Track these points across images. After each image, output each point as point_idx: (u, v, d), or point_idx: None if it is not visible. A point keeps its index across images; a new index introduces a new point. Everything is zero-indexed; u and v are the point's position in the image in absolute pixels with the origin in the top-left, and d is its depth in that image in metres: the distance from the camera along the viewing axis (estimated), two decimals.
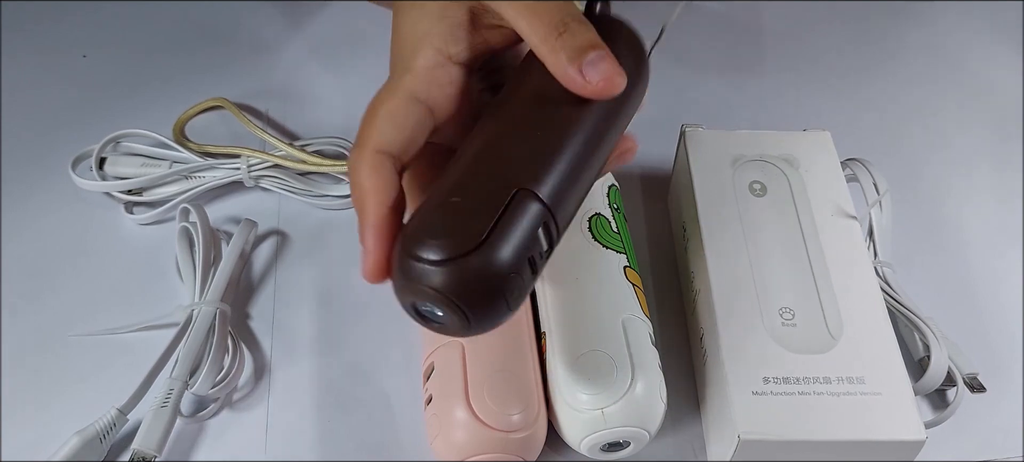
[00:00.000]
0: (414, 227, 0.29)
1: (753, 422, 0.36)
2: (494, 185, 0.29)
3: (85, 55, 0.60)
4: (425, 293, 0.28)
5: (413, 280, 0.28)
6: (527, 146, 0.30)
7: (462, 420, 0.37)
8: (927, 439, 0.36)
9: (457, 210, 0.29)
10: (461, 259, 0.28)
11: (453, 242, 0.28)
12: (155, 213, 0.50)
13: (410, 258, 0.28)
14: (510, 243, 0.28)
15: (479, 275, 0.28)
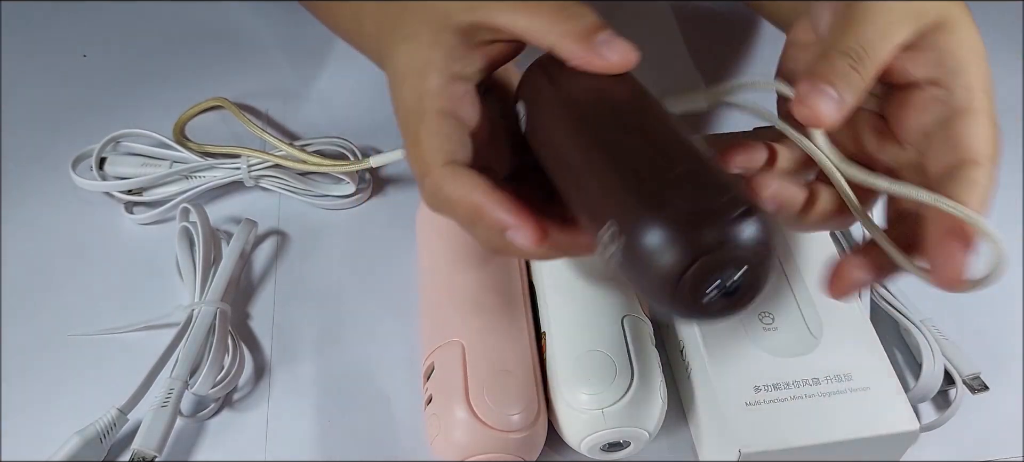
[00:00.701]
0: (674, 200, 0.26)
1: (751, 435, 0.36)
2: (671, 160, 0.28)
3: (85, 55, 0.60)
4: (733, 251, 0.26)
5: (718, 243, 0.26)
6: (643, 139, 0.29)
7: (462, 420, 0.37)
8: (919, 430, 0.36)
9: (695, 178, 0.27)
10: (751, 207, 0.26)
11: (733, 194, 0.26)
12: (155, 213, 0.50)
13: (705, 226, 0.26)
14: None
15: (765, 219, 0.26)
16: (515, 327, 0.41)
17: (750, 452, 0.35)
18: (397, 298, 0.47)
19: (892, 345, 0.46)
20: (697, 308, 0.27)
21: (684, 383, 0.42)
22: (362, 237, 0.50)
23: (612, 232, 0.27)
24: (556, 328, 0.41)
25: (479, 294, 0.42)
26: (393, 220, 0.51)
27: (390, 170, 0.53)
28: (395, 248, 0.49)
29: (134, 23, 0.63)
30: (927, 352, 0.42)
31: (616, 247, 0.27)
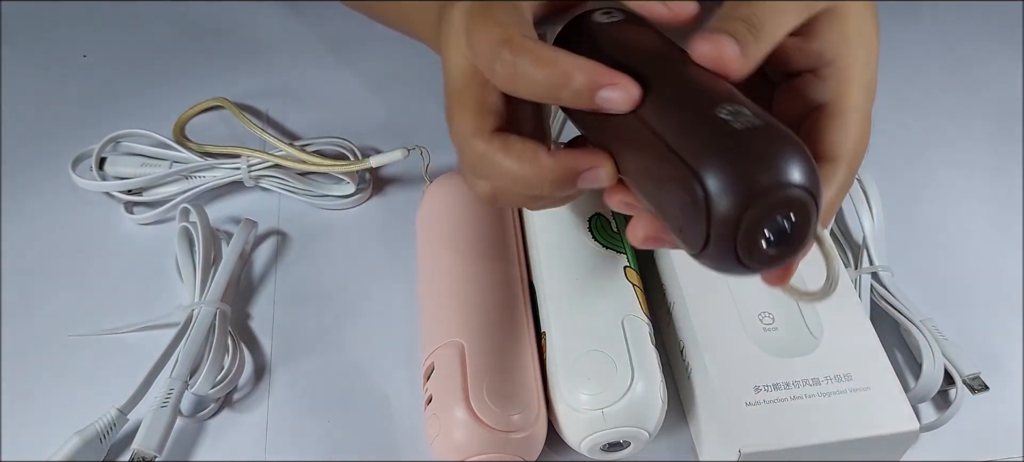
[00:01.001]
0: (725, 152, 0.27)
1: (751, 435, 0.36)
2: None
3: (85, 55, 0.60)
4: (788, 193, 0.26)
5: (776, 185, 0.26)
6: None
7: (462, 420, 0.37)
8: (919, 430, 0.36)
9: (746, 126, 0.27)
10: (800, 145, 0.27)
11: (788, 138, 0.27)
12: (155, 213, 0.50)
13: (763, 169, 0.26)
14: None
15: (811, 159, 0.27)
16: (515, 327, 0.41)
17: (750, 452, 0.35)
18: (397, 298, 0.47)
19: (892, 345, 0.46)
20: (757, 261, 0.27)
21: (684, 383, 0.42)
22: (362, 237, 0.50)
23: (670, 185, 0.28)
24: (556, 328, 0.41)
25: (479, 294, 0.42)
26: (393, 220, 0.51)
27: (390, 170, 0.53)
28: (395, 248, 0.49)
29: (134, 23, 0.63)
30: (927, 352, 0.42)
31: (672, 198, 0.28)
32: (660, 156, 0.28)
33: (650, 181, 0.30)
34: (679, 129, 0.28)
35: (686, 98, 0.29)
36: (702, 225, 0.27)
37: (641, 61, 0.31)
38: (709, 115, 0.27)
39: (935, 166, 0.55)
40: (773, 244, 0.27)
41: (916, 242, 0.50)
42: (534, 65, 0.30)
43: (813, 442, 0.36)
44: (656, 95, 0.29)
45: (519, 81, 0.31)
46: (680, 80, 0.30)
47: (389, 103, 0.57)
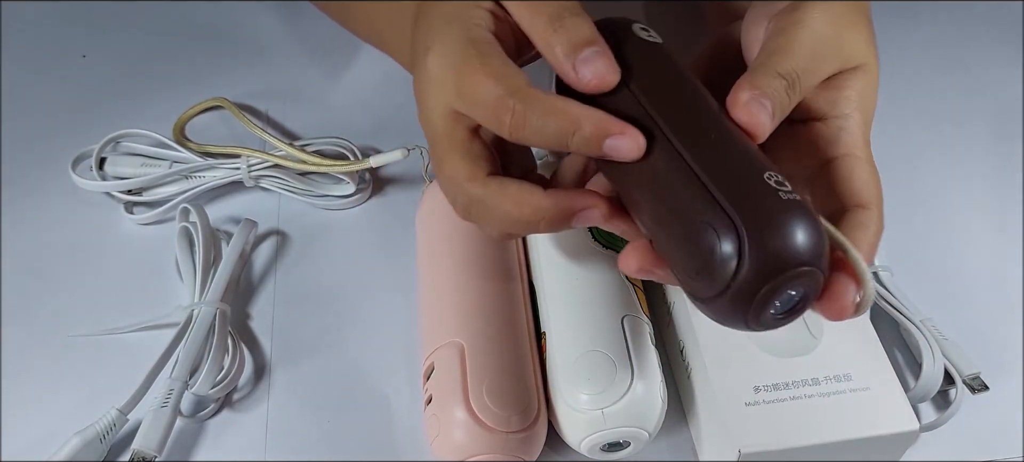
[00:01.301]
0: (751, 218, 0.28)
1: (751, 435, 0.36)
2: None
3: (85, 55, 0.60)
4: (809, 271, 0.28)
5: (781, 262, 0.27)
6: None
7: (461, 420, 0.37)
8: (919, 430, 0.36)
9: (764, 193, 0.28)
10: (815, 220, 0.28)
11: (803, 208, 0.28)
12: (155, 213, 0.50)
13: (780, 248, 0.27)
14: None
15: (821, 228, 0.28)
16: (515, 327, 0.41)
17: (750, 452, 0.35)
18: (397, 298, 0.47)
19: (892, 345, 0.46)
20: (759, 323, 0.29)
21: (684, 383, 0.42)
22: (362, 237, 0.50)
23: (681, 243, 0.29)
24: (556, 328, 0.41)
25: (479, 294, 0.42)
26: (393, 220, 0.51)
27: (390, 170, 0.53)
28: (395, 248, 0.49)
29: (134, 23, 0.63)
30: (927, 352, 0.42)
31: (701, 244, 0.28)
32: (699, 200, 0.29)
33: (677, 220, 0.30)
34: (729, 181, 0.29)
35: (735, 152, 0.30)
36: (724, 279, 0.28)
37: (677, 94, 0.32)
38: (759, 177, 0.28)
39: (935, 166, 0.55)
40: (779, 311, 0.29)
41: (916, 242, 0.50)
42: (544, 116, 0.31)
43: (813, 442, 0.36)
44: (699, 137, 0.30)
45: (528, 131, 0.31)
46: (721, 128, 0.31)
47: (389, 103, 0.57)
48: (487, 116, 0.32)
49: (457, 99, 0.33)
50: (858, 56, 0.34)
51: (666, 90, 0.32)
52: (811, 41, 0.33)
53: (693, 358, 0.40)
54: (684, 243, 0.30)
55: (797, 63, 0.32)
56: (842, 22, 0.34)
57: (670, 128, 0.31)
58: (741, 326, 0.29)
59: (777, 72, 0.32)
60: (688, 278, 0.30)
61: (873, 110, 0.35)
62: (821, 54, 0.33)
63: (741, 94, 0.31)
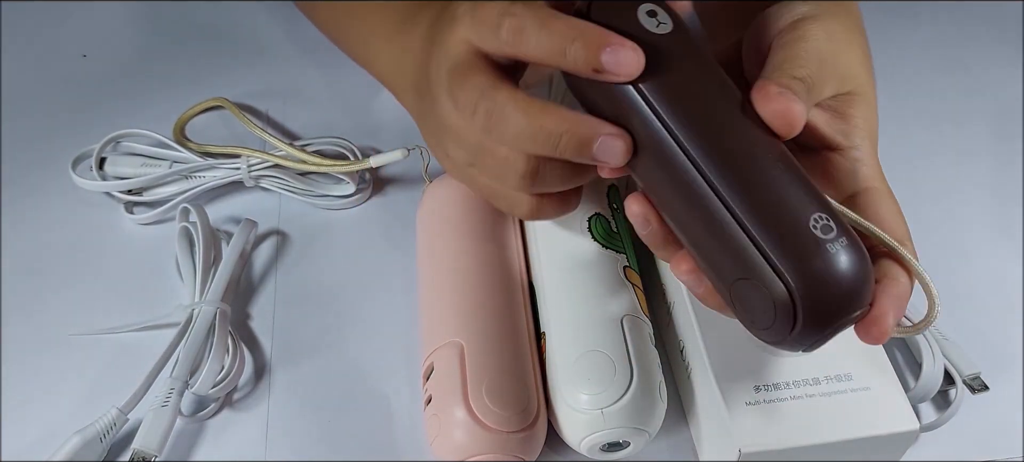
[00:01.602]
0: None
1: (751, 435, 0.36)
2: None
3: (85, 55, 0.60)
4: (859, 315, 0.30)
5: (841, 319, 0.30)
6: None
7: (461, 420, 0.37)
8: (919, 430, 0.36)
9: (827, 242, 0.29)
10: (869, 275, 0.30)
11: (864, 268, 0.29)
12: (155, 213, 0.50)
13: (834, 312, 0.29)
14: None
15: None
16: (515, 327, 0.41)
17: (750, 452, 0.35)
18: (397, 298, 0.47)
19: (892, 345, 0.46)
20: (812, 350, 0.31)
21: (684, 383, 0.42)
22: (362, 237, 0.50)
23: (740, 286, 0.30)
24: (555, 328, 0.41)
25: (479, 294, 0.42)
26: (393, 220, 0.51)
27: (390, 170, 0.53)
28: (395, 248, 0.49)
29: (134, 23, 0.63)
30: (927, 352, 0.42)
31: (754, 300, 0.29)
32: (747, 255, 0.29)
33: (726, 272, 0.30)
34: (776, 232, 0.29)
35: (777, 184, 0.29)
36: (781, 334, 0.29)
37: (704, 103, 0.30)
38: (805, 225, 0.29)
39: (935, 166, 0.55)
40: (827, 341, 0.30)
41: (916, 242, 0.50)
42: (541, 23, 0.31)
43: (813, 442, 0.36)
44: (734, 164, 0.29)
45: (524, 38, 0.31)
46: (756, 144, 0.30)
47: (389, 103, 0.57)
48: (490, 26, 0.32)
49: (472, 21, 0.33)
50: (854, 78, 0.35)
51: (690, 105, 0.30)
52: (817, 54, 0.34)
53: (693, 358, 0.40)
54: (736, 296, 0.30)
55: (809, 70, 0.33)
56: (839, 41, 0.35)
57: (705, 160, 0.29)
58: (804, 351, 0.31)
59: (794, 75, 0.32)
60: (745, 323, 0.31)
61: (877, 136, 0.36)
62: (823, 69, 0.34)
63: (767, 90, 0.31)
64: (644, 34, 0.31)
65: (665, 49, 0.31)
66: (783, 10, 0.36)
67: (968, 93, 0.60)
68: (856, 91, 0.35)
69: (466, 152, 0.36)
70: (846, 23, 0.36)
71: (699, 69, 0.31)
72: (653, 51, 0.30)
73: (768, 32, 0.36)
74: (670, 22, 0.31)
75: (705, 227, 0.30)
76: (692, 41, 0.32)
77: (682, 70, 0.31)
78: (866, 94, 0.36)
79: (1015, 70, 0.61)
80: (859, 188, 0.35)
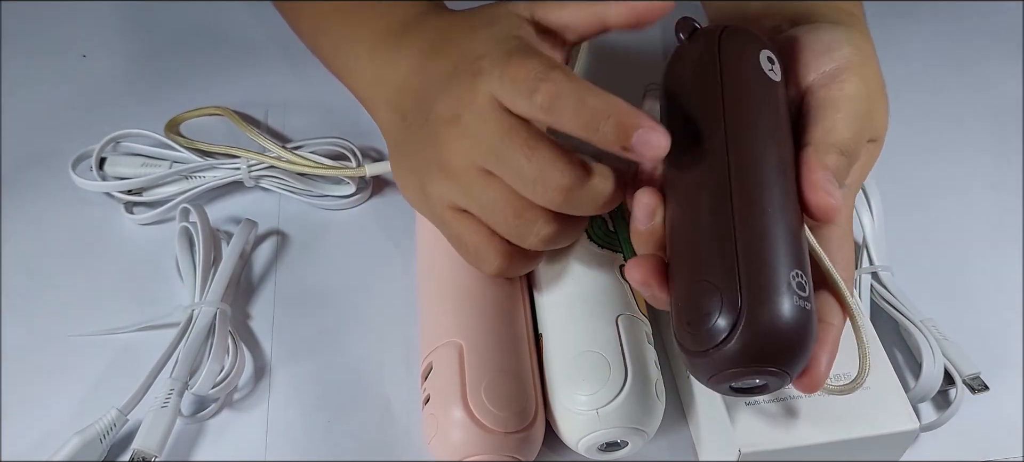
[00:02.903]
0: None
1: (751, 434, 0.36)
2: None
3: (85, 55, 0.60)
4: (781, 376, 0.31)
5: (771, 359, 0.30)
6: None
7: (459, 420, 0.37)
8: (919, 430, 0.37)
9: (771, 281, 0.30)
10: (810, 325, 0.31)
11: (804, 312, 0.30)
12: (155, 213, 0.50)
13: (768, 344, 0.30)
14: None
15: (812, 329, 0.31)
16: (513, 328, 0.41)
17: (750, 452, 0.35)
18: (397, 298, 0.47)
19: (892, 345, 0.46)
20: (717, 388, 0.32)
21: (684, 383, 0.42)
22: (362, 237, 0.50)
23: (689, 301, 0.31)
24: (552, 329, 0.41)
25: (478, 295, 0.42)
26: (393, 220, 0.51)
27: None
28: (395, 248, 0.49)
29: (134, 23, 0.63)
30: (927, 352, 0.42)
31: (703, 304, 0.30)
32: (724, 263, 0.30)
33: (696, 266, 0.31)
34: (758, 261, 0.30)
35: (780, 232, 0.31)
36: (707, 345, 0.30)
37: (762, 143, 0.33)
38: (786, 273, 0.30)
39: (935, 166, 0.55)
40: (738, 387, 0.31)
41: (916, 242, 0.50)
42: (579, 94, 0.33)
43: (813, 442, 0.36)
44: (759, 198, 0.31)
45: (560, 107, 0.33)
46: (783, 194, 0.32)
47: None
48: (524, 88, 0.33)
49: (501, 78, 0.34)
50: (879, 130, 0.36)
51: (755, 135, 0.33)
52: (857, 120, 0.34)
53: None
54: (691, 291, 0.31)
55: (849, 141, 0.34)
56: (874, 93, 0.36)
57: (738, 175, 0.32)
58: (702, 381, 0.32)
59: (839, 150, 0.33)
60: (679, 320, 0.31)
61: (867, 175, 0.37)
62: (861, 131, 0.35)
63: (816, 175, 0.32)
64: (761, 77, 0.34)
65: (768, 92, 0.34)
66: (824, 44, 0.36)
67: (968, 93, 0.60)
68: (874, 139, 0.36)
69: (455, 191, 0.37)
70: (875, 68, 0.37)
71: (775, 117, 0.34)
72: (760, 90, 0.34)
73: (806, 64, 0.36)
74: (780, 74, 0.35)
75: (708, 230, 0.31)
76: (784, 95, 0.35)
77: (765, 113, 0.34)
78: (880, 142, 0.37)
79: (1015, 70, 0.61)
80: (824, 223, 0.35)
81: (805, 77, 0.36)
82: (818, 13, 0.39)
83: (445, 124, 0.36)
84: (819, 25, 0.37)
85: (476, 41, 0.36)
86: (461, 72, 0.36)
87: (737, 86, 0.34)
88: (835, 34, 0.36)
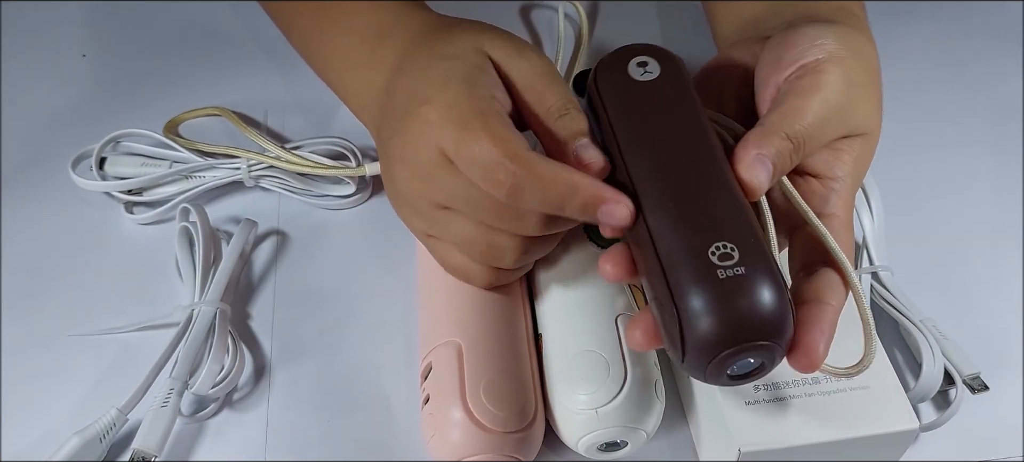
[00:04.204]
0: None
1: (751, 434, 0.36)
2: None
3: (85, 55, 0.60)
4: (753, 345, 0.30)
5: (756, 335, 0.30)
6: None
7: (458, 420, 0.37)
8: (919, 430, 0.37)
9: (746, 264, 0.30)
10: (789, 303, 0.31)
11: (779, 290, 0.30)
12: (155, 213, 0.50)
13: (748, 320, 0.30)
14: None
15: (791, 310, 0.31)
16: (513, 328, 0.41)
17: (750, 451, 0.35)
18: (397, 298, 0.47)
19: (892, 345, 0.46)
20: (720, 384, 0.32)
21: (684, 382, 0.42)
22: (362, 237, 0.50)
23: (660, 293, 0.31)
24: (551, 329, 0.41)
25: (477, 295, 0.42)
26: (393, 220, 0.50)
27: None
28: (395, 248, 0.49)
29: (134, 23, 0.63)
30: (927, 352, 0.42)
31: (662, 318, 0.31)
32: (657, 277, 0.31)
33: (647, 286, 0.32)
34: (677, 259, 0.30)
35: (697, 218, 0.31)
36: (678, 353, 0.30)
37: (664, 141, 0.33)
38: (704, 253, 0.30)
39: (935, 166, 0.55)
40: (738, 376, 0.31)
41: (916, 242, 0.50)
42: (542, 182, 0.33)
43: (813, 441, 0.36)
44: (669, 200, 0.32)
45: (525, 195, 0.33)
46: (698, 183, 0.32)
47: None
48: (484, 176, 0.33)
49: (456, 150, 0.34)
50: (864, 124, 0.36)
51: (639, 138, 0.34)
52: (825, 108, 0.34)
53: None
54: (654, 309, 0.32)
55: (807, 128, 0.34)
56: (856, 87, 0.35)
57: (640, 181, 0.32)
58: (701, 380, 0.32)
59: (786, 134, 0.33)
60: (661, 335, 0.32)
61: (865, 172, 0.37)
62: (831, 121, 0.34)
63: (746, 154, 0.33)
64: (630, 83, 0.35)
65: (644, 94, 0.35)
66: (808, 38, 0.36)
67: (968, 92, 0.60)
68: (860, 133, 0.36)
69: (424, 223, 0.38)
70: (865, 64, 0.37)
71: (659, 113, 0.34)
72: (634, 96, 0.35)
73: (789, 55, 0.36)
74: (658, 70, 0.35)
75: (641, 246, 0.32)
76: (671, 86, 0.35)
77: (645, 114, 0.34)
78: (870, 137, 0.36)
79: (1015, 70, 0.61)
80: (823, 212, 0.35)
81: (787, 69, 0.36)
82: (817, 13, 0.39)
83: (399, 163, 0.37)
84: (811, 23, 0.37)
85: (430, 76, 0.36)
86: (411, 114, 0.36)
87: (614, 104, 0.35)
88: (822, 30, 0.36)
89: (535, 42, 0.61)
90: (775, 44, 0.37)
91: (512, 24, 0.62)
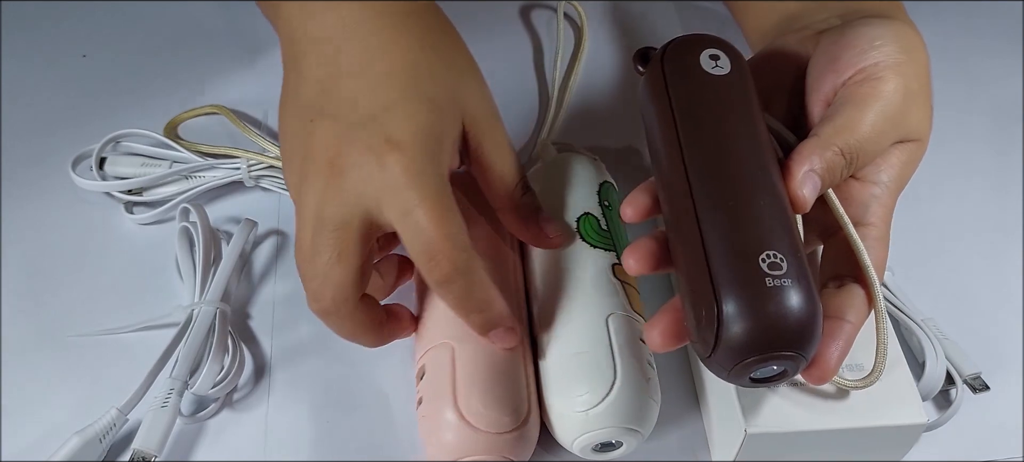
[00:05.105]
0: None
1: (758, 416, 0.36)
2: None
3: (85, 55, 0.60)
4: (782, 354, 0.30)
5: (784, 345, 0.30)
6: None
7: (450, 422, 0.37)
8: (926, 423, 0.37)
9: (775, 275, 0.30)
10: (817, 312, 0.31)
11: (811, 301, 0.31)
12: (155, 213, 0.50)
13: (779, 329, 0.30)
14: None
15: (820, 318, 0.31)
16: None
17: (756, 431, 0.36)
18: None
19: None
20: (741, 384, 0.32)
21: (697, 371, 0.42)
22: None
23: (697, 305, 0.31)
24: (544, 330, 0.41)
25: None
26: None
27: None
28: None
29: (134, 23, 0.62)
30: (929, 351, 0.42)
31: (697, 309, 0.31)
32: (699, 272, 0.31)
33: (684, 281, 0.32)
34: (725, 259, 0.31)
35: (749, 221, 0.31)
36: (707, 350, 0.31)
37: (726, 140, 0.33)
38: (755, 259, 0.30)
39: (935, 165, 0.54)
40: (758, 380, 0.32)
41: (917, 242, 0.50)
42: (468, 288, 0.36)
43: (818, 428, 0.36)
44: (721, 200, 0.32)
45: (448, 288, 0.36)
46: (750, 188, 0.32)
47: None
48: (425, 252, 0.34)
49: (406, 215, 0.34)
50: (916, 131, 0.35)
51: (703, 135, 0.33)
52: (881, 120, 0.34)
53: None
54: (685, 302, 0.32)
55: (861, 141, 0.33)
56: (912, 94, 0.35)
57: (697, 178, 0.32)
58: (733, 383, 0.32)
59: (839, 148, 0.33)
60: (690, 331, 0.32)
61: (909, 178, 0.37)
62: (886, 131, 0.34)
63: (798, 168, 0.33)
64: (700, 74, 0.35)
65: (713, 89, 0.34)
66: (867, 39, 0.35)
67: (968, 92, 0.60)
68: (911, 140, 0.36)
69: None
70: (919, 67, 0.36)
71: (725, 109, 0.34)
72: (703, 88, 0.34)
73: (846, 55, 0.35)
74: (728, 66, 0.35)
75: (684, 241, 0.32)
76: (740, 84, 0.35)
77: (714, 110, 0.34)
78: (920, 143, 0.36)
79: (1015, 70, 0.61)
80: (862, 222, 0.35)
81: (845, 71, 0.35)
82: (866, 8, 0.39)
83: (327, 166, 0.36)
84: (867, 20, 0.37)
85: (409, 110, 0.35)
86: (373, 145, 0.35)
87: (682, 94, 0.34)
88: (881, 29, 0.36)
89: (535, 42, 0.61)
90: (830, 42, 0.36)
91: (512, 24, 0.62)
